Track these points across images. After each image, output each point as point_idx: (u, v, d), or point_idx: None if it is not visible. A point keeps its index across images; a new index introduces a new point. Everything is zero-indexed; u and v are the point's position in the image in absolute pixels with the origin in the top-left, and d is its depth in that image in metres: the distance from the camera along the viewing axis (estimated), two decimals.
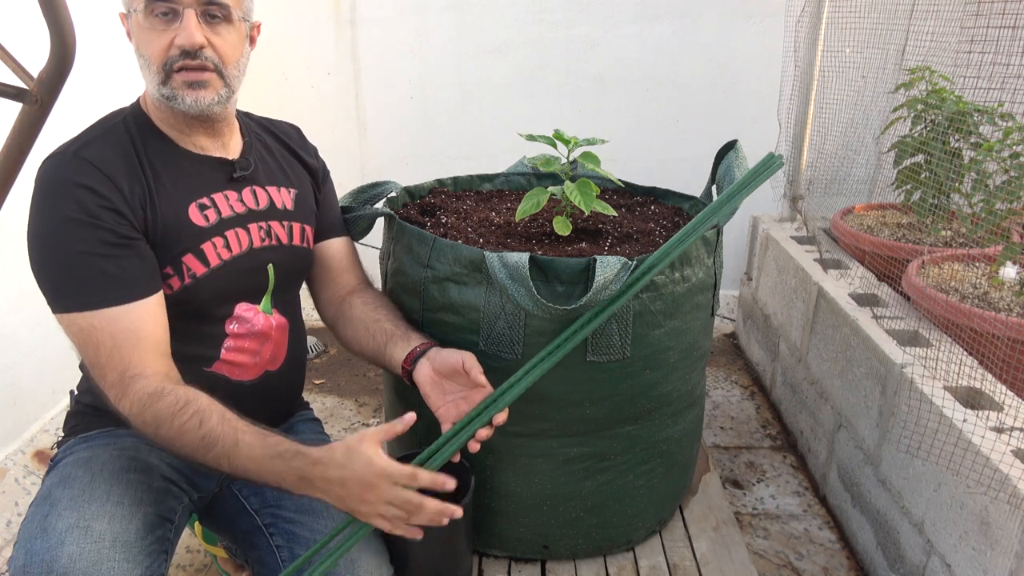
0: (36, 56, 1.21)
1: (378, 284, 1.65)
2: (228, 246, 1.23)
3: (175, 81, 1.14)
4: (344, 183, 1.72)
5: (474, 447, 1.25)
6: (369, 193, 1.67)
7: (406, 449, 1.63)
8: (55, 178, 1.10)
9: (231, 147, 1.28)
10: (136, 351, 1.08)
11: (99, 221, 1.08)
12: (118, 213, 1.10)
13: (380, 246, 1.72)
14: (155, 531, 1.12)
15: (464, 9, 2.74)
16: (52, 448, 1.94)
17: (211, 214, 1.22)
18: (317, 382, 2.58)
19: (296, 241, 1.35)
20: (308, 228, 1.39)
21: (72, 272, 1.07)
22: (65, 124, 1.21)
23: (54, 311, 1.10)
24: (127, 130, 1.17)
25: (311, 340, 2.81)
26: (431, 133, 2.90)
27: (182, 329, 1.21)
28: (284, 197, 1.34)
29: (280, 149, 1.40)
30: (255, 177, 1.30)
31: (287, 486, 1.08)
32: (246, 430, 1.07)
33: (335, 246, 1.49)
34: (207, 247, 1.20)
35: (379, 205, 1.65)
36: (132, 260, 1.11)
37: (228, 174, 1.26)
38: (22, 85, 1.19)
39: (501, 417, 1.24)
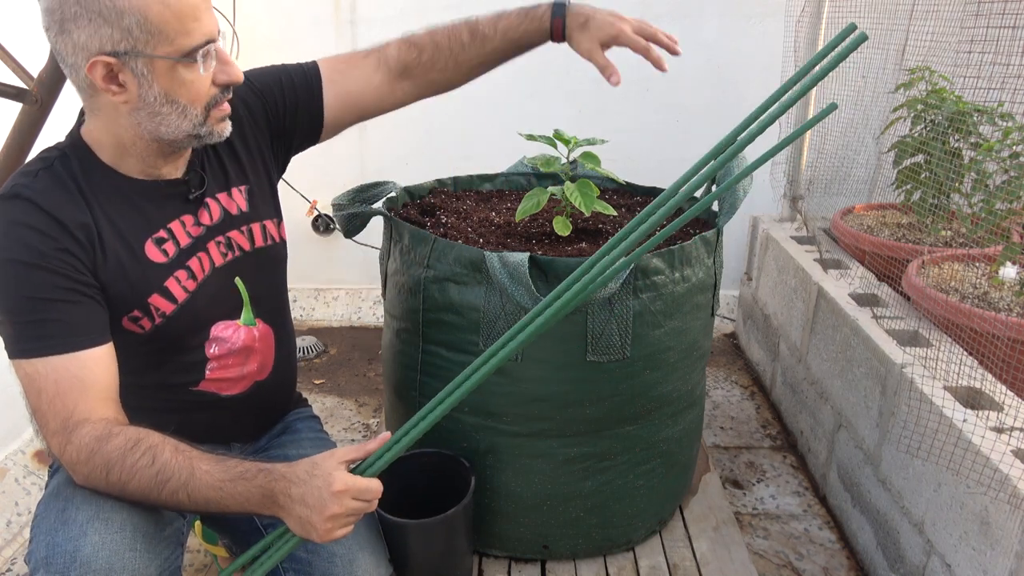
0: (36, 56, 1.21)
1: (378, 284, 1.64)
2: (192, 275, 1.17)
3: (212, 119, 1.08)
4: (344, 183, 1.72)
5: None
6: (369, 193, 1.67)
7: (407, 449, 1.63)
8: (2, 221, 1.03)
9: (185, 161, 1.19)
10: (82, 398, 1.02)
11: (50, 264, 1.01)
12: (69, 253, 1.03)
13: (380, 246, 1.72)
14: (172, 523, 1.12)
15: (464, 9, 2.72)
16: (49, 453, 1.94)
17: (170, 247, 1.15)
18: (317, 382, 2.57)
19: (259, 243, 1.27)
20: (269, 222, 1.28)
21: (19, 317, 1.01)
22: (65, 124, 1.20)
23: (9, 357, 1.04)
24: (65, 167, 1.08)
25: (311, 340, 2.81)
26: (431, 133, 2.90)
27: (160, 361, 1.18)
28: (237, 199, 1.23)
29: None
30: (206, 190, 1.20)
31: (252, 508, 1.03)
32: (202, 458, 1.02)
33: (330, 90, 1.31)
34: (171, 283, 1.14)
35: (377, 205, 1.65)
36: (83, 307, 1.05)
37: (183, 195, 1.17)
38: (22, 85, 1.19)
39: None
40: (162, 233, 1.14)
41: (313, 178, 2.62)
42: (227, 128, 1.12)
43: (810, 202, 2.39)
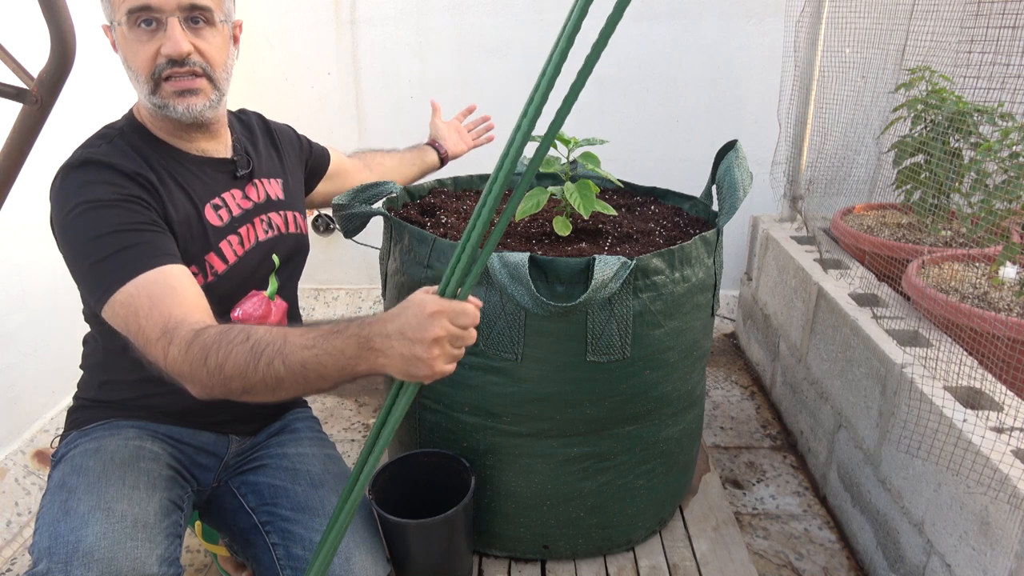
0: (36, 56, 1.21)
1: (378, 284, 1.67)
2: (242, 242, 1.27)
3: (164, 90, 1.15)
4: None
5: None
6: (369, 193, 1.67)
7: (407, 449, 1.63)
8: (70, 185, 1.09)
9: (227, 146, 1.31)
10: (175, 304, 1.04)
11: (120, 204, 1.08)
12: (138, 198, 1.10)
13: (380, 246, 1.72)
14: (170, 515, 1.14)
15: (464, 9, 2.74)
16: (52, 444, 1.94)
17: (224, 213, 1.25)
18: None
19: (292, 229, 1.39)
20: (298, 215, 1.42)
21: (99, 255, 1.05)
22: (65, 124, 1.21)
23: (99, 310, 1.06)
24: (126, 140, 1.18)
25: None
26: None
27: None
28: (275, 187, 1.38)
29: (262, 138, 1.43)
30: (252, 171, 1.34)
31: (349, 361, 0.96)
32: (293, 327, 1.01)
33: (336, 160, 1.65)
34: (224, 245, 1.24)
35: (377, 205, 1.65)
36: (158, 236, 1.10)
37: (231, 173, 1.29)
38: (22, 85, 1.19)
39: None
40: (218, 200, 1.26)
41: None
42: (188, 105, 1.17)
43: (810, 202, 2.39)
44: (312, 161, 1.59)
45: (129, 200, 1.09)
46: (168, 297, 1.04)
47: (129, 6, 1.09)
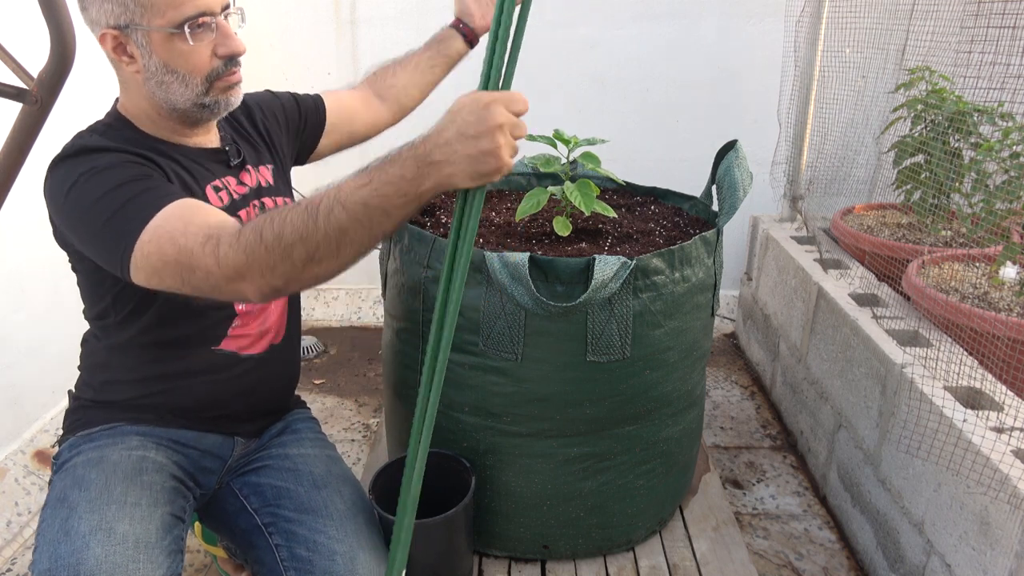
0: (36, 56, 1.21)
1: (378, 284, 1.66)
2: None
3: (216, 89, 1.15)
4: None
5: None
6: None
7: (407, 449, 1.63)
8: (67, 169, 1.07)
9: (216, 136, 1.30)
10: (211, 214, 1.01)
11: (125, 165, 1.06)
12: (140, 164, 1.08)
13: (380, 246, 1.72)
14: (172, 531, 1.12)
15: None
16: (53, 447, 1.94)
17: (224, 196, 1.24)
18: (317, 382, 2.57)
19: None
20: (289, 201, 1.40)
21: (115, 205, 1.01)
22: (65, 124, 1.20)
23: (127, 267, 1.01)
24: (117, 133, 1.16)
25: (311, 340, 2.81)
26: None
27: (193, 311, 1.22)
28: (265, 174, 1.36)
29: (246, 122, 1.40)
30: (244, 160, 1.33)
31: (410, 185, 0.90)
32: (340, 181, 0.95)
33: (333, 108, 1.56)
34: None
35: None
36: (169, 184, 1.10)
37: (224, 162, 1.28)
38: (22, 85, 1.20)
39: None
40: (218, 183, 1.24)
41: (313, 177, 2.61)
42: (236, 97, 1.19)
43: (810, 202, 2.39)
44: (307, 127, 1.51)
45: (132, 163, 1.08)
46: (200, 212, 1.01)
47: (186, 14, 1.07)
